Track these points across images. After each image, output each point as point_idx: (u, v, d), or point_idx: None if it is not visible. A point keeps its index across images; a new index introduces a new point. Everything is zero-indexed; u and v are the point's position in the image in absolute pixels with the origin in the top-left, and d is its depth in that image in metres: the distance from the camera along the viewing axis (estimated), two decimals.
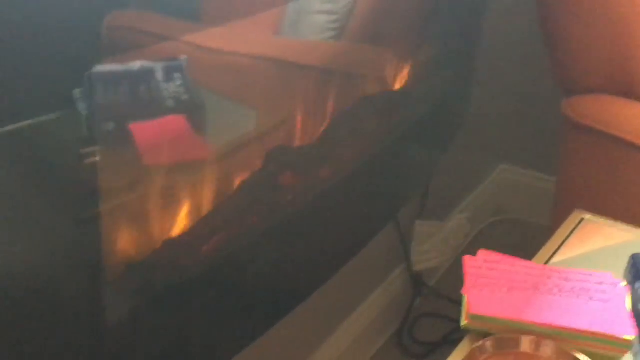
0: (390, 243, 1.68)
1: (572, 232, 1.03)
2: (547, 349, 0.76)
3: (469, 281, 0.83)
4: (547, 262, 0.96)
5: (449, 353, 0.81)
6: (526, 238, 2.07)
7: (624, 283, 0.89)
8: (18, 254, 0.68)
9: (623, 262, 0.93)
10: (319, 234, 1.09)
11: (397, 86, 1.27)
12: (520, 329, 0.78)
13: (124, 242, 0.83)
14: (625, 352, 0.78)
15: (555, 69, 1.48)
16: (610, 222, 1.05)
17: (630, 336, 0.77)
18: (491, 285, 0.83)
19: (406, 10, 1.26)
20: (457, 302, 0.84)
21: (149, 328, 0.83)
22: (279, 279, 1.02)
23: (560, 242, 1.00)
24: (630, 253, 0.93)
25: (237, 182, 0.95)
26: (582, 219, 1.05)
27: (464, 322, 0.80)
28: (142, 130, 0.85)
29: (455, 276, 1.82)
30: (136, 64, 0.86)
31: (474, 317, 0.79)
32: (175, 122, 0.89)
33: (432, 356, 1.72)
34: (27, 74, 0.64)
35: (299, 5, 1.13)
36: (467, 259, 0.87)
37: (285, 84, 1.07)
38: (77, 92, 0.73)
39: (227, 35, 1.00)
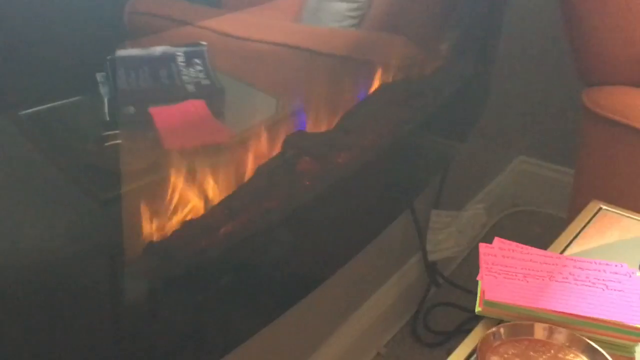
0: (406, 232, 1.69)
1: (588, 222, 1.03)
2: (561, 336, 0.77)
3: (484, 268, 0.84)
4: (562, 252, 0.96)
5: (464, 340, 0.81)
6: (543, 230, 2.07)
7: (639, 273, 0.89)
8: (40, 235, 0.69)
9: (639, 253, 0.93)
10: (335, 220, 1.09)
11: (417, 75, 1.28)
12: (534, 317, 0.78)
13: (145, 223, 0.84)
14: (639, 341, 0.79)
15: (575, 60, 1.48)
16: (627, 213, 1.05)
17: None
18: (506, 273, 0.83)
19: None
20: (472, 293, 0.84)
21: (166, 309, 0.84)
22: (294, 264, 1.03)
23: (576, 232, 1.01)
24: None
25: (255, 166, 0.96)
26: (600, 209, 1.05)
27: (478, 308, 0.81)
28: (163, 114, 0.86)
29: (470, 267, 1.83)
30: (157, 49, 0.87)
31: (488, 304, 0.80)
32: (195, 107, 0.90)
33: (445, 345, 1.73)
34: (52, 59, 0.65)
35: None
36: (483, 247, 0.87)
37: (304, 71, 1.08)
38: (99, 76, 0.74)
39: (248, 21, 1.01)
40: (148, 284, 0.82)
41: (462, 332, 1.73)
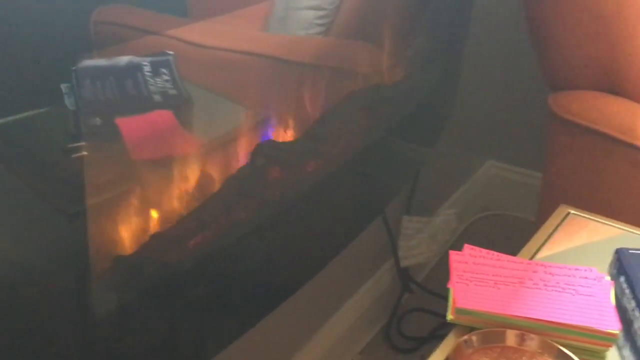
0: (378, 238, 1.69)
1: (557, 226, 1.03)
2: (532, 342, 0.77)
3: (455, 275, 0.84)
4: (532, 257, 0.96)
5: (437, 348, 0.81)
6: (513, 233, 2.08)
7: (609, 277, 0.89)
8: (5, 249, 0.67)
9: (608, 257, 0.94)
10: (306, 229, 1.09)
11: (385, 81, 1.28)
12: (506, 323, 0.78)
13: (112, 236, 0.83)
14: (610, 346, 0.79)
15: (541, 65, 1.49)
16: (595, 217, 1.06)
17: (614, 330, 0.78)
18: (477, 280, 0.83)
19: (394, 6, 1.26)
20: (445, 298, 0.84)
21: (137, 322, 0.83)
22: (266, 274, 1.02)
23: (545, 236, 1.01)
24: (614, 247, 0.93)
25: (224, 176, 0.95)
26: (568, 214, 1.06)
27: (450, 316, 0.81)
28: (129, 125, 0.85)
29: (443, 272, 1.83)
30: (123, 59, 0.85)
31: (459, 311, 0.80)
32: (162, 117, 0.89)
33: (419, 351, 1.73)
34: (15, 70, 0.64)
35: (287, 0, 1.13)
36: (453, 254, 0.87)
37: (272, 80, 1.07)
38: (64, 87, 0.73)
39: (215, 30, 1.00)
40: (117, 298, 0.81)
41: (435, 337, 1.74)
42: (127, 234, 0.84)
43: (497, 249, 0.91)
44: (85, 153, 0.76)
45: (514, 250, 0.97)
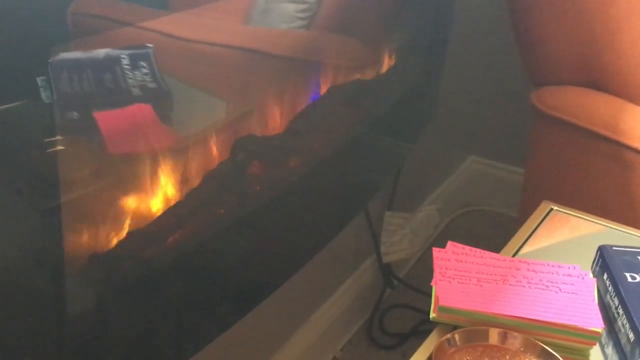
0: (360, 234, 1.68)
1: (540, 223, 1.03)
2: (515, 341, 0.76)
3: (437, 273, 0.83)
4: (515, 253, 0.96)
5: (419, 344, 0.80)
6: (495, 229, 2.09)
7: (592, 275, 0.89)
8: None
9: (591, 254, 0.93)
10: (287, 225, 1.08)
11: (367, 76, 1.27)
12: (489, 321, 0.78)
13: (88, 233, 0.81)
14: (593, 344, 0.79)
15: (524, 61, 1.48)
16: (577, 214, 1.05)
17: (598, 328, 0.78)
18: (460, 278, 0.82)
19: (376, 1, 1.25)
20: (427, 294, 0.83)
21: (114, 320, 0.82)
22: (247, 270, 1.01)
23: (528, 233, 1.00)
24: (597, 244, 0.93)
25: (204, 171, 0.94)
26: (550, 210, 1.05)
27: (432, 314, 0.80)
28: (107, 119, 0.83)
29: (425, 267, 1.83)
30: (101, 52, 0.84)
31: (442, 310, 0.79)
32: (141, 111, 0.87)
33: (401, 347, 1.72)
34: None
35: None
36: (436, 252, 0.86)
37: (253, 73, 1.06)
38: (40, 80, 0.71)
39: (195, 23, 0.99)
40: (94, 295, 0.79)
41: (418, 333, 1.73)
42: (103, 230, 0.82)
43: (479, 245, 0.90)
44: (61, 147, 0.74)
45: (496, 246, 0.97)
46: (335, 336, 1.68)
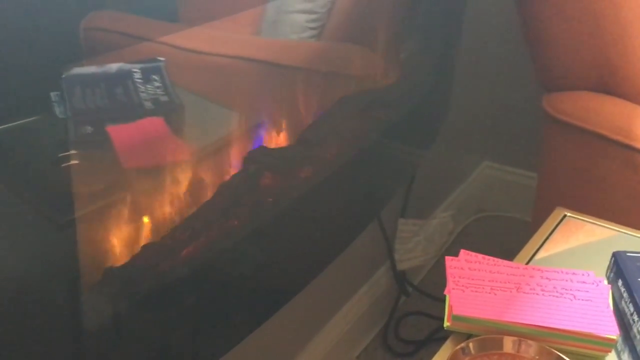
0: (374, 242, 1.68)
1: (554, 229, 1.03)
2: (530, 349, 0.76)
3: (451, 282, 0.83)
4: (529, 261, 0.95)
5: (434, 351, 0.80)
6: (510, 235, 2.07)
7: (606, 281, 0.89)
8: None
9: (605, 260, 0.93)
10: (301, 235, 1.08)
11: (379, 85, 1.27)
12: (503, 330, 0.78)
13: (103, 246, 0.82)
14: (609, 351, 0.78)
15: (535, 66, 1.48)
16: (591, 219, 1.05)
17: (613, 335, 0.77)
18: (473, 286, 0.82)
19: (386, 9, 1.25)
20: (442, 300, 0.83)
21: (131, 334, 0.82)
22: (262, 281, 1.01)
23: (542, 239, 1.00)
24: (611, 250, 0.93)
25: (217, 184, 0.94)
26: (564, 216, 1.05)
27: (446, 323, 0.80)
28: (121, 133, 0.84)
29: (439, 274, 1.83)
30: (113, 66, 0.85)
31: (456, 318, 0.79)
32: (154, 124, 0.88)
33: (417, 354, 1.72)
34: (3, 78, 0.63)
35: (278, 4, 1.12)
36: (449, 260, 0.86)
37: (265, 85, 1.06)
38: (54, 95, 0.72)
39: (206, 35, 0.99)
40: (110, 310, 0.80)
41: (433, 340, 1.73)
42: (118, 243, 0.83)
43: (493, 251, 0.90)
44: (75, 162, 0.75)
45: (510, 252, 0.97)
46: (351, 344, 1.68)
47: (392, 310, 1.79)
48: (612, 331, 0.78)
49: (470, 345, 0.76)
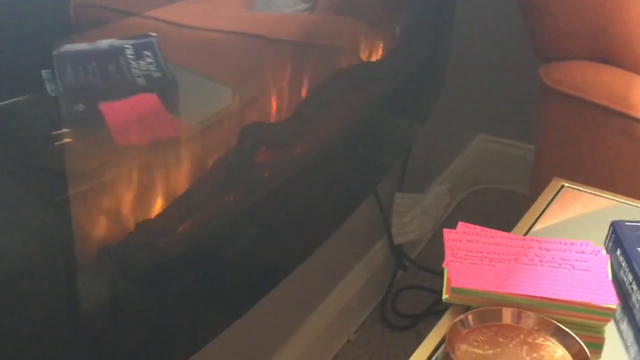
0: (371, 216, 1.68)
1: (552, 200, 1.02)
2: (529, 320, 0.76)
3: (449, 254, 0.83)
4: (527, 232, 0.95)
5: (432, 325, 0.80)
6: (507, 206, 2.08)
7: (605, 251, 0.88)
8: None
9: (603, 230, 0.93)
10: (298, 210, 1.07)
11: (373, 58, 1.26)
12: (502, 301, 0.77)
13: (98, 225, 0.81)
14: (608, 321, 0.78)
15: (532, 36, 1.47)
16: (589, 189, 1.05)
17: (612, 304, 0.77)
18: (472, 258, 0.82)
19: None
20: (439, 274, 0.83)
21: (126, 311, 0.82)
22: (260, 256, 1.01)
23: (540, 210, 1.00)
24: (609, 220, 0.92)
25: (212, 160, 0.93)
26: (562, 187, 1.05)
27: (445, 295, 0.80)
28: (113, 110, 0.83)
29: (436, 248, 1.83)
30: (105, 42, 0.84)
31: (455, 291, 0.79)
32: (147, 101, 0.87)
33: (415, 328, 1.72)
34: None
35: None
36: (447, 232, 0.86)
37: (258, 59, 1.05)
38: (45, 73, 0.71)
39: (198, 10, 0.98)
40: (105, 288, 0.79)
41: (431, 314, 1.73)
42: (113, 222, 0.82)
43: (490, 223, 0.89)
44: (68, 140, 0.74)
45: (508, 223, 0.96)
46: (349, 319, 1.68)
47: (389, 284, 1.79)
48: (611, 300, 0.77)
49: (469, 317, 0.75)
